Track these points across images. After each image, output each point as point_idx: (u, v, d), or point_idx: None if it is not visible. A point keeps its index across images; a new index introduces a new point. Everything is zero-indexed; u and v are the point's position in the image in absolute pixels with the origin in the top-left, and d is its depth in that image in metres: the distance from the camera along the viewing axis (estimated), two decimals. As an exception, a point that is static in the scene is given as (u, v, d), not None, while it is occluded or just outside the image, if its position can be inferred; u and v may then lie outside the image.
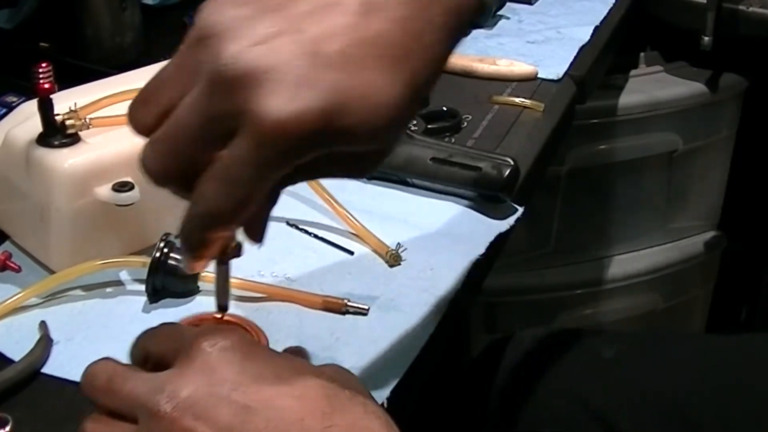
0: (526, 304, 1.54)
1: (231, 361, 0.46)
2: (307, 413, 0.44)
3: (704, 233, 1.65)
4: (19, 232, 0.77)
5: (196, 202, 0.46)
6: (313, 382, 0.45)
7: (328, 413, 0.44)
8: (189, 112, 0.45)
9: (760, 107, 1.57)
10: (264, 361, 0.47)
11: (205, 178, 0.45)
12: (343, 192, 0.82)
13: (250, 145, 0.42)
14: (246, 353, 0.46)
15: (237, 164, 0.43)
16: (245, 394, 0.44)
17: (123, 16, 1.05)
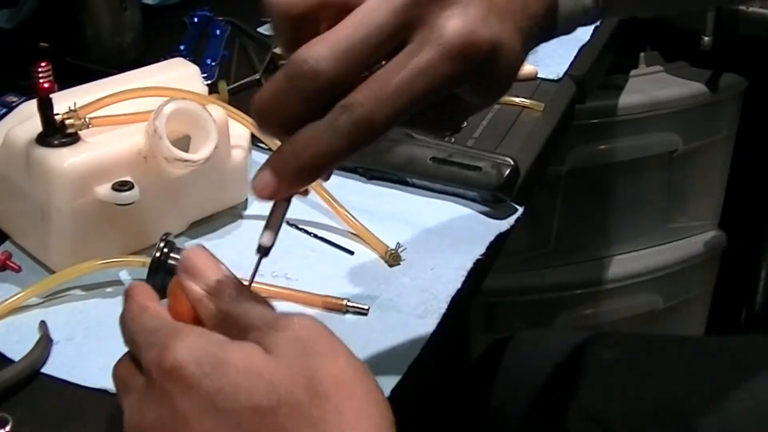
0: (526, 304, 1.54)
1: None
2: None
3: (704, 233, 1.65)
4: (19, 231, 0.77)
5: (350, 108, 0.46)
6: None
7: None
8: (375, 10, 0.47)
9: (760, 107, 1.57)
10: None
11: (368, 85, 0.47)
12: (343, 192, 0.82)
13: (432, 56, 0.46)
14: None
15: (413, 72, 0.46)
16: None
17: (123, 16, 1.05)
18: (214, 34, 1.15)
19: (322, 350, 0.45)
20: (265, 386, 0.43)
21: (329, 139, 0.47)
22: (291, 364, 0.44)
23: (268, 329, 0.45)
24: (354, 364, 0.45)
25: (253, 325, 0.46)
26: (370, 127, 0.46)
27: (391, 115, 0.47)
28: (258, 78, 1.06)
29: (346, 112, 0.46)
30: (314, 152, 0.47)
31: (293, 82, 0.47)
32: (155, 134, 0.70)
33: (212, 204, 0.81)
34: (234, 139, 0.79)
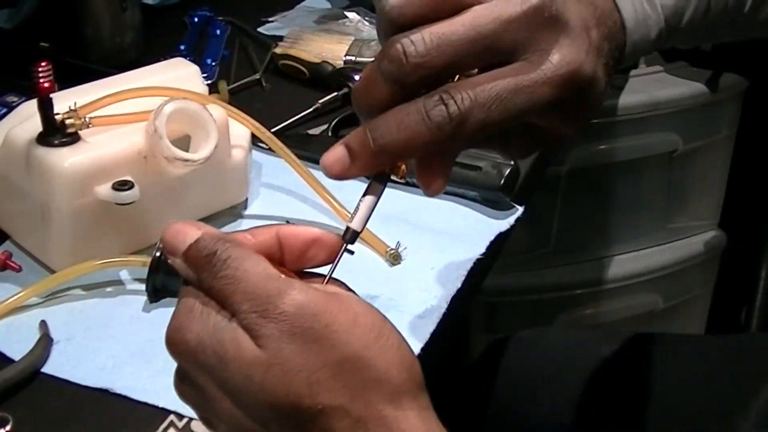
0: (526, 304, 1.54)
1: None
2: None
3: (704, 233, 1.65)
4: (19, 231, 0.77)
5: (447, 103, 0.46)
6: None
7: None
8: (485, 17, 0.47)
9: (760, 107, 1.57)
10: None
11: (470, 86, 0.46)
12: (343, 192, 0.82)
13: (540, 78, 0.47)
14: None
15: (518, 87, 0.46)
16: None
17: (123, 16, 1.05)
18: (214, 34, 1.16)
19: (312, 342, 0.43)
20: (259, 388, 0.43)
21: (418, 127, 0.46)
22: (285, 365, 0.42)
23: (255, 316, 0.43)
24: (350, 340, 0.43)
25: (239, 309, 0.43)
26: (461, 126, 0.46)
27: (484, 121, 0.46)
28: (258, 78, 1.06)
29: (442, 104, 0.46)
30: (398, 137, 0.46)
31: (382, 63, 0.47)
32: (155, 134, 0.70)
33: (212, 203, 0.81)
34: (234, 138, 0.79)
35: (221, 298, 0.44)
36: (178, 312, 0.46)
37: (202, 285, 0.45)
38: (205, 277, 0.44)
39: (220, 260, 0.44)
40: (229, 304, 0.43)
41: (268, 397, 0.42)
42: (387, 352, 0.43)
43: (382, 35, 0.48)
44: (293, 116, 0.97)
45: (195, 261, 0.45)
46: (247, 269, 0.44)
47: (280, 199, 0.84)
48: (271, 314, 0.42)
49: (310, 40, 1.11)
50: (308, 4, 1.27)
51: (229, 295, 0.43)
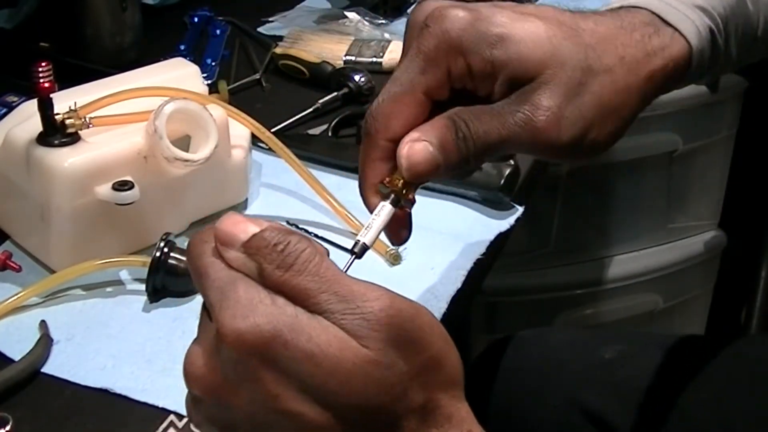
0: (526, 304, 1.54)
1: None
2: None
3: (704, 233, 1.65)
4: (19, 231, 0.77)
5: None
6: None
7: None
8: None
9: (760, 107, 1.57)
10: None
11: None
12: (343, 192, 0.82)
13: (517, 121, 0.51)
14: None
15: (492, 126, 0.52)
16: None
17: (123, 16, 1.05)
18: (214, 34, 1.16)
19: (410, 344, 0.43)
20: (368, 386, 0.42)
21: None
22: (390, 368, 0.42)
23: (354, 317, 0.42)
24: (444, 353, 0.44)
25: (332, 308, 0.42)
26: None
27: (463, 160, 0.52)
28: (258, 78, 1.06)
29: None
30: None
31: (426, 23, 0.53)
32: (155, 134, 0.70)
33: (212, 204, 0.81)
34: (234, 138, 0.79)
35: (300, 292, 0.42)
36: (238, 300, 0.42)
37: (267, 277, 0.42)
38: (274, 269, 0.42)
39: (295, 252, 0.42)
40: (315, 302, 0.42)
41: (363, 397, 0.41)
42: (452, 351, 0.44)
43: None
44: (293, 116, 0.97)
45: (261, 252, 0.42)
46: (328, 267, 0.43)
47: (280, 199, 0.84)
48: (373, 316, 0.42)
49: (310, 40, 1.11)
50: (308, 4, 1.27)
51: (315, 293, 0.42)
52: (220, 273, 0.43)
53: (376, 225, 0.52)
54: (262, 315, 0.41)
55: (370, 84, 1.01)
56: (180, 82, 0.77)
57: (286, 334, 0.41)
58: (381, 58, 1.08)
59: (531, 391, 0.90)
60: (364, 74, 1.02)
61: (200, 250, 0.45)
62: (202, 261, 0.44)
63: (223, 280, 0.43)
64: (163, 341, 0.69)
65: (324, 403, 0.41)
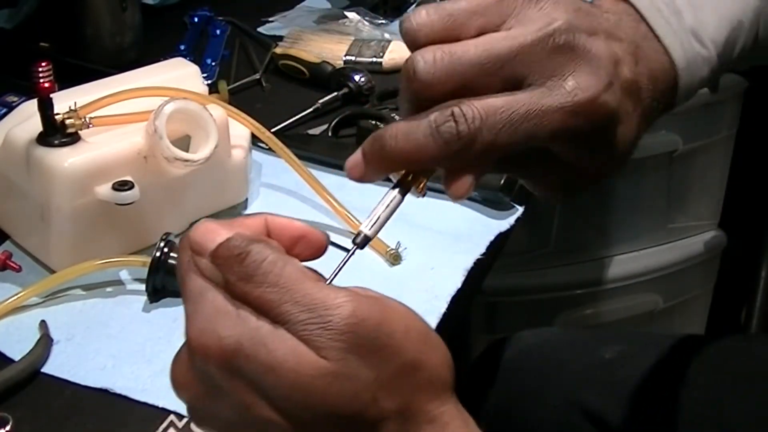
0: (526, 304, 1.54)
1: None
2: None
3: (704, 233, 1.65)
4: (19, 231, 0.77)
5: (458, 120, 0.46)
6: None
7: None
8: (501, 40, 0.47)
9: (760, 107, 1.57)
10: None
11: (482, 105, 0.46)
12: (343, 192, 0.82)
13: (554, 104, 0.46)
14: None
15: (530, 110, 0.46)
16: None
17: (123, 16, 1.05)
18: (214, 34, 1.16)
19: (376, 352, 0.42)
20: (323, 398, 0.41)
21: (425, 140, 0.46)
22: (352, 377, 0.41)
23: (315, 327, 0.41)
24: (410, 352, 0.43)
25: (293, 319, 0.41)
26: (468, 145, 0.46)
27: (492, 143, 0.46)
28: (258, 78, 1.06)
29: (452, 120, 0.46)
30: (405, 146, 0.47)
31: (400, 78, 0.48)
32: (155, 134, 0.70)
33: (212, 204, 0.81)
34: (234, 138, 0.79)
35: (262, 304, 0.42)
36: (204, 313, 0.42)
37: (232, 288, 0.42)
38: (236, 281, 0.42)
39: (255, 263, 0.42)
40: (277, 313, 0.41)
41: (329, 408, 0.41)
42: (434, 353, 0.44)
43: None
44: (293, 116, 0.97)
45: (224, 261, 0.42)
46: (290, 275, 0.42)
47: (280, 199, 0.84)
48: (334, 326, 0.41)
49: (310, 40, 1.11)
50: (308, 4, 1.27)
51: (276, 304, 0.41)
52: (193, 283, 0.44)
53: (382, 215, 0.50)
54: (224, 328, 0.41)
55: (370, 84, 1.01)
56: (180, 82, 0.77)
57: (247, 348, 0.41)
58: (381, 58, 1.08)
59: (531, 391, 0.90)
60: (364, 74, 1.02)
61: (180, 258, 0.45)
62: (181, 270, 0.44)
63: (195, 290, 0.43)
64: (163, 341, 0.69)
65: (291, 413, 0.42)
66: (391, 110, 0.96)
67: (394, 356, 0.42)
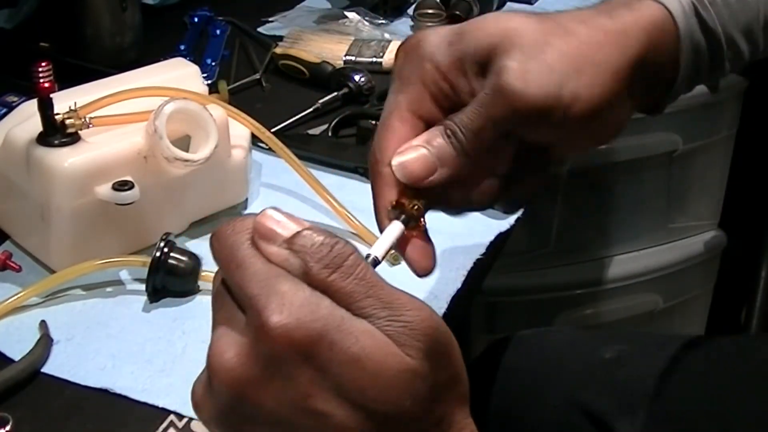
0: (526, 304, 1.54)
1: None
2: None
3: (704, 233, 1.65)
4: (19, 231, 0.77)
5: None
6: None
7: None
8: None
9: (760, 107, 1.57)
10: None
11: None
12: (343, 192, 0.82)
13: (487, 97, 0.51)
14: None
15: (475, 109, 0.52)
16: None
17: (123, 16, 1.05)
18: (214, 34, 1.16)
19: (445, 357, 0.44)
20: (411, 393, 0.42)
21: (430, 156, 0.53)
22: (428, 378, 0.42)
23: (399, 326, 0.42)
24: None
25: (376, 314, 0.42)
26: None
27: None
28: (258, 78, 1.06)
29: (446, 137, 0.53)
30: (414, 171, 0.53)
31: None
32: (155, 134, 0.70)
33: (212, 204, 0.81)
34: (234, 139, 0.79)
35: (346, 295, 0.42)
36: (284, 297, 0.41)
37: (312, 277, 0.42)
38: (321, 269, 0.42)
39: (344, 254, 0.42)
40: (360, 306, 0.42)
41: (399, 406, 0.41)
42: (464, 368, 0.45)
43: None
44: (293, 116, 0.97)
45: (307, 250, 0.42)
46: (371, 272, 0.43)
47: (280, 199, 0.84)
48: (416, 326, 0.42)
49: (310, 40, 1.11)
50: (308, 4, 1.27)
51: (361, 296, 0.42)
52: (261, 266, 0.42)
53: (384, 240, 0.52)
54: (310, 313, 0.41)
55: (370, 84, 1.01)
56: (180, 82, 0.77)
57: (334, 335, 0.40)
58: (381, 58, 1.08)
59: (531, 391, 0.90)
60: (364, 74, 1.02)
61: (235, 240, 0.44)
62: (240, 251, 0.43)
63: (266, 273, 0.42)
64: (163, 341, 0.69)
65: (358, 407, 0.41)
66: (391, 110, 0.96)
67: (451, 366, 0.43)
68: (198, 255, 0.72)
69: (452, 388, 0.44)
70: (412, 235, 0.53)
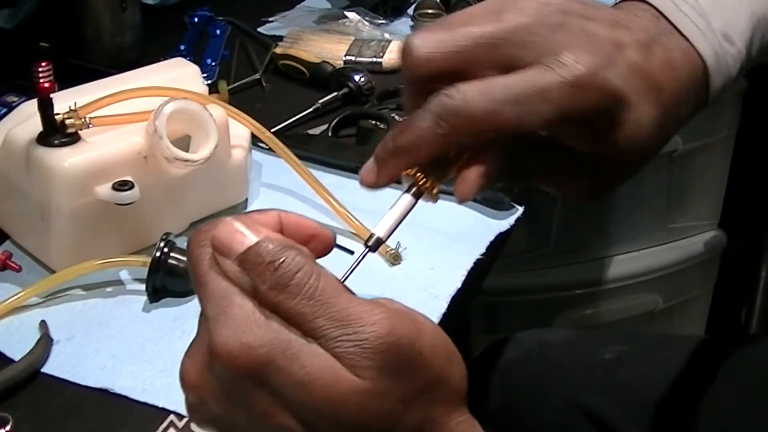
0: (526, 304, 1.54)
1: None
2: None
3: (704, 233, 1.65)
4: (19, 231, 0.77)
5: (450, 95, 0.46)
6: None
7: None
8: (498, 25, 0.47)
9: (760, 107, 1.57)
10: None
11: (477, 82, 0.46)
12: (343, 192, 0.82)
13: (552, 80, 0.45)
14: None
15: (528, 87, 0.45)
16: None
17: (123, 16, 1.05)
18: (214, 34, 1.16)
19: (407, 369, 0.42)
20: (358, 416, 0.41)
21: (421, 122, 0.46)
22: (387, 395, 0.41)
23: (350, 345, 0.41)
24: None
25: (328, 334, 0.41)
26: (461, 116, 0.46)
27: (487, 114, 0.45)
28: (258, 78, 1.06)
29: (444, 96, 0.46)
30: (408, 136, 0.47)
31: (402, 69, 0.49)
32: (155, 134, 0.70)
33: (212, 204, 0.81)
34: (234, 138, 0.79)
35: (295, 316, 0.41)
36: (232, 318, 0.41)
37: (262, 296, 0.41)
38: (267, 289, 0.41)
39: (290, 272, 0.41)
40: (310, 327, 0.41)
41: (359, 425, 0.41)
42: (456, 368, 0.44)
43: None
44: (293, 116, 0.97)
45: (255, 267, 0.41)
46: (324, 288, 0.41)
47: (280, 199, 0.84)
48: (369, 344, 0.40)
49: (310, 40, 1.11)
50: (308, 4, 1.27)
51: (310, 317, 0.41)
52: (217, 284, 0.42)
53: (394, 218, 0.49)
54: (256, 338, 0.40)
55: (370, 84, 1.01)
56: (180, 82, 0.77)
57: (279, 360, 0.40)
58: (381, 58, 1.08)
59: (531, 392, 0.90)
60: (364, 74, 1.02)
61: (198, 255, 0.44)
62: (201, 268, 0.43)
63: (220, 293, 0.42)
64: (163, 341, 0.69)
65: (317, 426, 0.41)
66: (391, 110, 0.96)
67: (422, 373, 0.42)
68: (198, 255, 0.72)
69: (430, 391, 0.42)
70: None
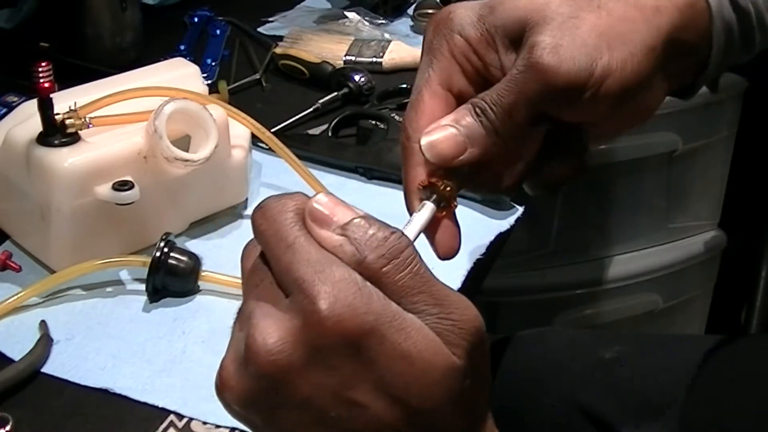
0: (526, 304, 1.54)
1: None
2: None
3: (704, 233, 1.65)
4: (19, 231, 0.77)
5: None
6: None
7: None
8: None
9: (760, 107, 1.57)
10: None
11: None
12: (343, 192, 0.82)
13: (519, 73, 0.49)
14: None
15: (507, 85, 0.49)
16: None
17: (123, 16, 1.05)
18: (214, 34, 1.16)
19: (486, 356, 0.44)
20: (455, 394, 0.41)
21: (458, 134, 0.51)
22: (477, 378, 0.42)
23: (449, 324, 0.41)
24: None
25: (427, 311, 0.41)
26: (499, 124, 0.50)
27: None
28: (258, 78, 1.06)
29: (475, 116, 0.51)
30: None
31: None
32: (155, 134, 0.70)
33: (212, 204, 0.81)
34: (234, 138, 0.79)
35: (398, 289, 0.40)
36: (337, 284, 0.39)
37: (365, 266, 0.41)
38: (376, 259, 0.40)
39: (399, 247, 0.41)
40: (411, 301, 0.41)
41: (441, 403, 0.41)
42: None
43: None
44: (293, 116, 0.97)
45: (364, 239, 0.41)
46: (424, 267, 0.41)
47: (280, 199, 0.84)
48: (464, 325, 0.41)
49: (310, 40, 1.11)
50: (308, 4, 1.27)
51: (414, 291, 0.41)
52: (312, 249, 0.41)
53: (416, 222, 0.50)
54: (364, 305, 0.39)
55: (370, 84, 1.01)
56: (180, 82, 0.77)
57: (385, 330, 0.39)
58: (381, 58, 1.08)
59: (530, 391, 0.90)
60: (364, 74, 1.02)
61: (285, 219, 0.42)
62: (292, 232, 0.42)
63: (319, 259, 0.41)
64: (163, 341, 0.69)
65: (398, 402, 0.40)
66: (391, 110, 0.96)
67: (486, 369, 0.44)
68: (198, 255, 0.72)
69: (485, 390, 0.44)
70: (442, 215, 0.52)
